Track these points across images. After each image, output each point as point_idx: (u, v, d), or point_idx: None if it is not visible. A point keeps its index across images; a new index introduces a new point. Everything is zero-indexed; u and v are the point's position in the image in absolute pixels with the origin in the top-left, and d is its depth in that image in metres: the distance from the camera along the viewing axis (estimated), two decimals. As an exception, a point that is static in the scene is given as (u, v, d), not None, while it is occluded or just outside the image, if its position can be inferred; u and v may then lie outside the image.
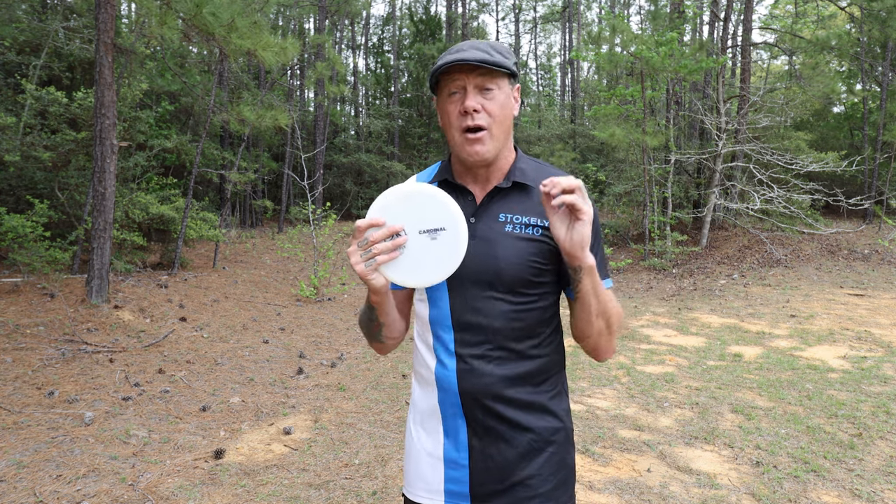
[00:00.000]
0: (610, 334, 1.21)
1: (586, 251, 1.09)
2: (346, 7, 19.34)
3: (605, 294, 1.16)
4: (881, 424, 3.86)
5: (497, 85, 1.18)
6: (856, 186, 16.84)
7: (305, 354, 5.86)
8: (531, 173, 1.26)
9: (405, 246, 1.08)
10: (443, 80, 1.20)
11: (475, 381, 1.20)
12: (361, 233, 1.07)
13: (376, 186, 21.03)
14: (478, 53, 1.16)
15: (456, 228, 1.07)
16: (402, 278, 1.09)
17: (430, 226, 1.07)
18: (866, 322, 6.88)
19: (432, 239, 1.08)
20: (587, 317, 1.17)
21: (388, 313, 1.21)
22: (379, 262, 1.07)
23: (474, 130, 1.17)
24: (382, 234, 1.06)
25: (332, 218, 9.73)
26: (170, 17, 6.57)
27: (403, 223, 1.08)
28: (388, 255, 1.07)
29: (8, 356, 4.81)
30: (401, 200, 1.08)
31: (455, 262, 1.09)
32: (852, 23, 16.31)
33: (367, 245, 1.07)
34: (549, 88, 35.71)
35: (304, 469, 3.32)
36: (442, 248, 1.08)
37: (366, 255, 1.07)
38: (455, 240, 1.07)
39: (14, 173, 8.14)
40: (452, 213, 1.08)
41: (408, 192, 1.08)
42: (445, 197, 1.08)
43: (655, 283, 10.61)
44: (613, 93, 13.45)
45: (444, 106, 1.21)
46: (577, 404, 4.38)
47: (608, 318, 1.18)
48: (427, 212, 1.08)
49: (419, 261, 1.08)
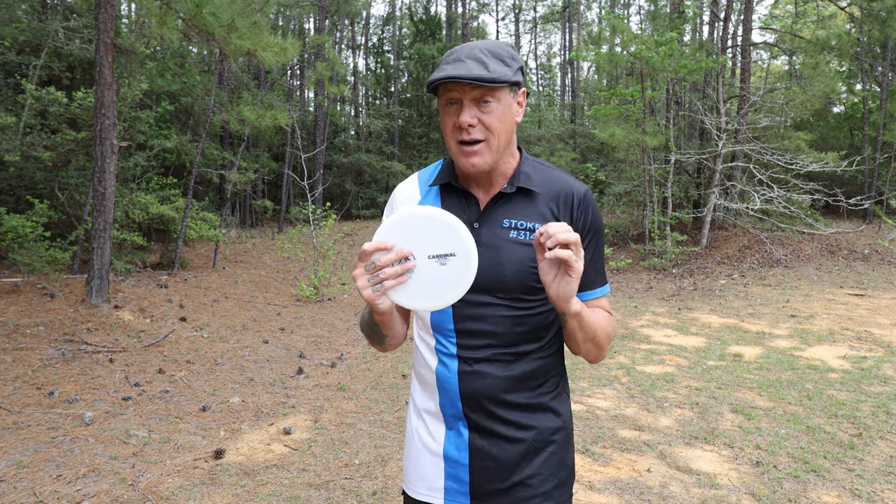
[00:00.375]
0: (598, 350, 1.23)
1: (571, 302, 1.09)
2: (346, 7, 19.34)
3: (592, 324, 1.17)
4: (881, 424, 3.86)
5: (495, 97, 1.14)
6: (856, 186, 16.83)
7: (305, 354, 5.86)
8: (536, 177, 1.25)
9: (413, 270, 1.05)
10: (440, 89, 1.18)
11: (477, 384, 1.19)
12: (368, 256, 1.04)
13: (376, 186, 21.03)
14: (475, 68, 1.11)
15: (466, 255, 1.05)
16: (410, 302, 1.07)
17: (439, 251, 1.05)
18: (866, 322, 6.88)
19: (441, 265, 1.05)
20: (574, 343, 1.20)
21: (392, 326, 1.20)
22: (387, 288, 1.04)
23: (470, 144, 1.16)
24: (390, 259, 1.03)
25: (332, 218, 9.73)
26: (170, 18, 6.57)
27: (412, 247, 1.05)
28: (395, 280, 1.04)
29: (8, 356, 4.81)
30: (410, 224, 1.05)
31: (464, 288, 1.06)
32: (852, 23, 16.31)
33: (375, 269, 1.04)
34: (549, 88, 35.72)
35: (304, 469, 3.32)
36: (451, 274, 1.05)
37: (373, 279, 1.04)
38: (465, 266, 1.05)
39: (14, 173, 8.14)
40: (463, 240, 1.05)
41: (417, 215, 1.05)
42: (456, 222, 1.05)
43: (655, 283, 10.61)
44: (613, 93, 13.45)
45: (441, 115, 1.20)
46: (577, 404, 4.38)
47: (597, 342, 1.20)
48: (437, 236, 1.05)
49: (427, 285, 1.06)
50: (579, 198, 1.24)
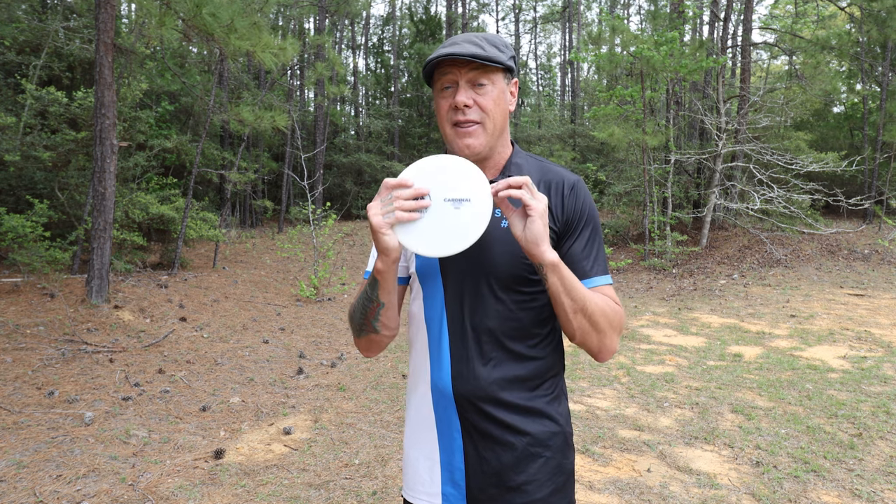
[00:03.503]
0: (597, 332, 1.14)
1: (542, 247, 1.05)
2: (346, 7, 19.33)
3: (580, 290, 1.10)
4: (881, 424, 3.86)
5: (490, 80, 1.16)
6: (856, 186, 16.84)
7: (305, 354, 5.86)
8: (527, 168, 1.25)
9: (426, 211, 1.07)
10: (436, 74, 1.19)
11: (470, 383, 1.18)
12: (388, 190, 1.07)
13: (376, 186, 21.01)
14: (470, 48, 1.14)
15: (481, 202, 1.07)
16: (414, 243, 1.08)
17: (456, 195, 1.07)
18: (866, 322, 6.88)
19: (455, 208, 1.07)
20: (564, 314, 1.11)
21: (389, 291, 1.17)
22: (398, 218, 1.06)
23: (465, 125, 1.16)
24: (408, 194, 1.06)
25: (332, 218, 9.73)
26: (169, 18, 6.57)
27: (431, 188, 1.07)
28: (408, 214, 1.06)
29: (8, 356, 4.81)
30: (435, 168, 1.09)
31: (471, 238, 1.07)
32: (852, 23, 16.30)
33: (390, 201, 1.06)
34: (549, 88, 35.71)
35: (304, 469, 3.32)
36: (461, 220, 1.07)
37: (386, 207, 1.06)
38: (477, 213, 1.07)
39: (14, 173, 8.13)
40: (481, 188, 1.07)
41: (444, 163, 1.09)
42: (479, 174, 1.08)
43: (655, 283, 10.61)
44: (613, 93, 13.44)
45: (437, 100, 1.21)
46: (577, 404, 4.38)
47: (590, 316, 1.11)
48: (458, 182, 1.08)
49: (435, 229, 1.07)
50: (570, 185, 1.24)
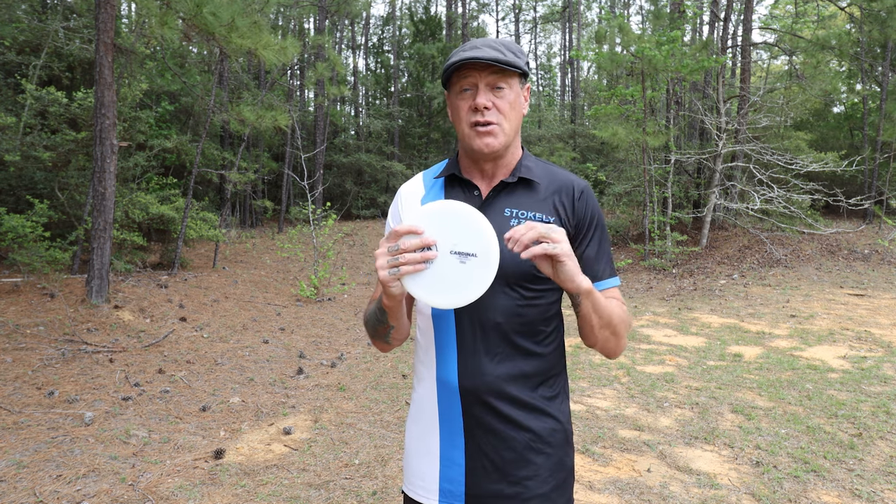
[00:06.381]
0: (617, 338, 1.22)
1: (577, 280, 1.08)
2: (346, 7, 19.32)
3: (606, 308, 1.16)
4: (881, 424, 3.86)
5: (508, 84, 1.21)
6: (856, 186, 16.83)
7: (305, 354, 5.86)
8: (537, 170, 1.29)
9: (432, 262, 1.07)
10: (455, 76, 1.22)
11: (476, 377, 1.20)
12: (396, 238, 1.07)
13: (376, 186, 21.02)
14: (492, 52, 1.18)
15: (487, 259, 1.06)
16: (421, 294, 1.08)
17: (463, 248, 1.06)
18: (866, 322, 6.88)
19: (461, 262, 1.06)
20: (590, 330, 1.19)
21: (399, 317, 1.21)
22: (403, 273, 1.06)
23: (485, 125, 1.20)
24: (415, 244, 1.05)
25: (332, 218, 9.73)
26: (170, 17, 6.57)
27: (438, 238, 1.06)
28: (413, 266, 1.06)
29: (8, 356, 4.81)
30: (443, 215, 1.07)
31: (476, 292, 1.07)
32: (852, 23, 16.30)
33: (397, 252, 1.06)
34: (549, 88, 35.72)
35: (304, 469, 3.32)
36: (467, 274, 1.06)
37: (392, 261, 1.06)
38: (482, 270, 1.06)
39: (14, 173, 8.13)
40: (489, 243, 1.06)
41: (451, 210, 1.07)
42: (487, 225, 1.07)
43: (655, 283, 10.61)
44: (613, 93, 13.44)
45: (455, 101, 1.24)
46: (577, 404, 4.38)
47: (613, 328, 1.19)
48: (465, 234, 1.06)
49: (442, 280, 1.07)
50: (580, 191, 1.28)
